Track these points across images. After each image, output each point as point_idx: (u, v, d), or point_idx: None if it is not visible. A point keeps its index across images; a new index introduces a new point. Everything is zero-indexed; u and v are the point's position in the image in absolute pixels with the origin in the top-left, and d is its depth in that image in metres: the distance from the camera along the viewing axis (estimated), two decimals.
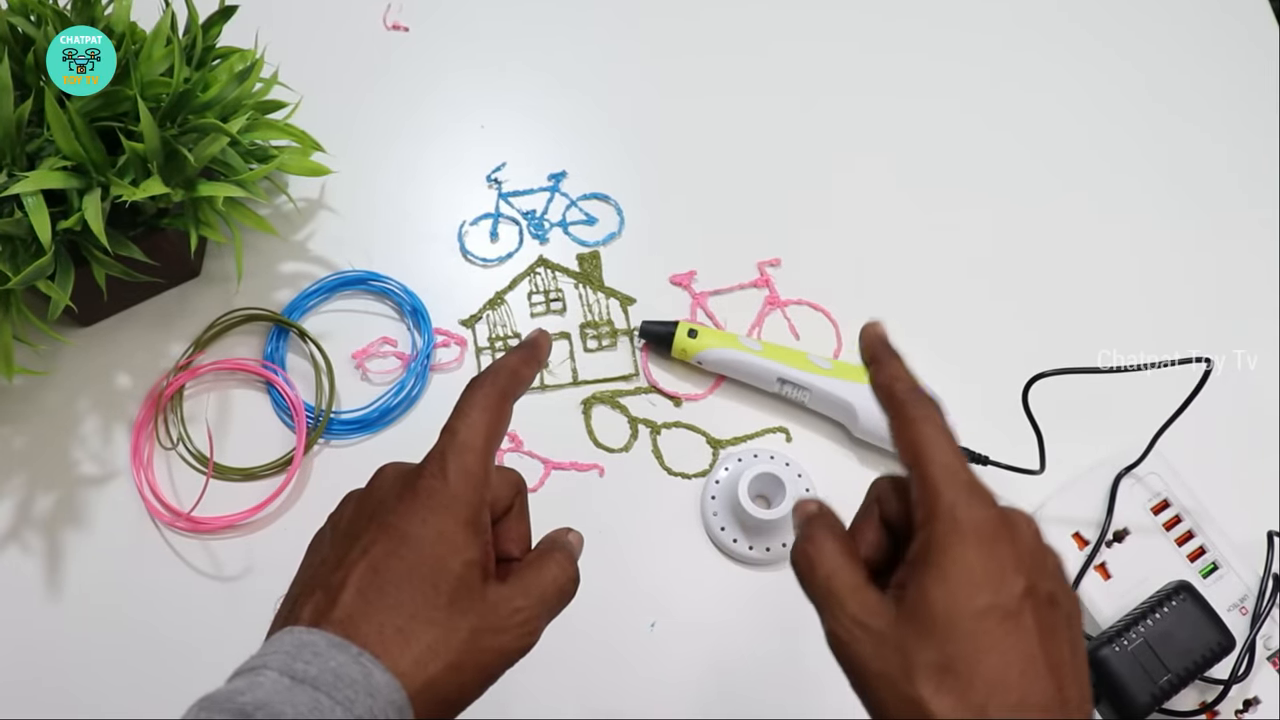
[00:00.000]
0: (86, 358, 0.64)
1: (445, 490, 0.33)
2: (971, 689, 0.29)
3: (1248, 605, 0.58)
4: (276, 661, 0.30)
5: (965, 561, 0.30)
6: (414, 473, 0.34)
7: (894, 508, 0.35)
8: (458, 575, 0.33)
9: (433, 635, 0.31)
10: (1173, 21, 0.83)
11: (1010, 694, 0.29)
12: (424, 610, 0.32)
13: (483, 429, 0.35)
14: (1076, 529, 0.59)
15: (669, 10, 0.80)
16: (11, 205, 0.52)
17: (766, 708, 0.57)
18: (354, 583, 0.32)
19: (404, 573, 0.32)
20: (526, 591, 0.34)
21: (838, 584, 0.32)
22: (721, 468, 0.63)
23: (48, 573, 0.59)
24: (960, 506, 0.31)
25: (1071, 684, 0.30)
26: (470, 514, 0.33)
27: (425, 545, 0.33)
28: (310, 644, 0.30)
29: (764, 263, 0.70)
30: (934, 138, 0.76)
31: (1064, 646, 0.31)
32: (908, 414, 0.34)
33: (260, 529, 0.60)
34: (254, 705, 0.28)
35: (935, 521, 0.31)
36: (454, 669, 0.32)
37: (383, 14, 0.78)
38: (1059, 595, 0.32)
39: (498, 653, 0.33)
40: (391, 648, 0.31)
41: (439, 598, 0.32)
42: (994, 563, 0.31)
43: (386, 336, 0.66)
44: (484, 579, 0.34)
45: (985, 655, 0.29)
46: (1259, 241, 0.74)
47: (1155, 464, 0.60)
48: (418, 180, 0.72)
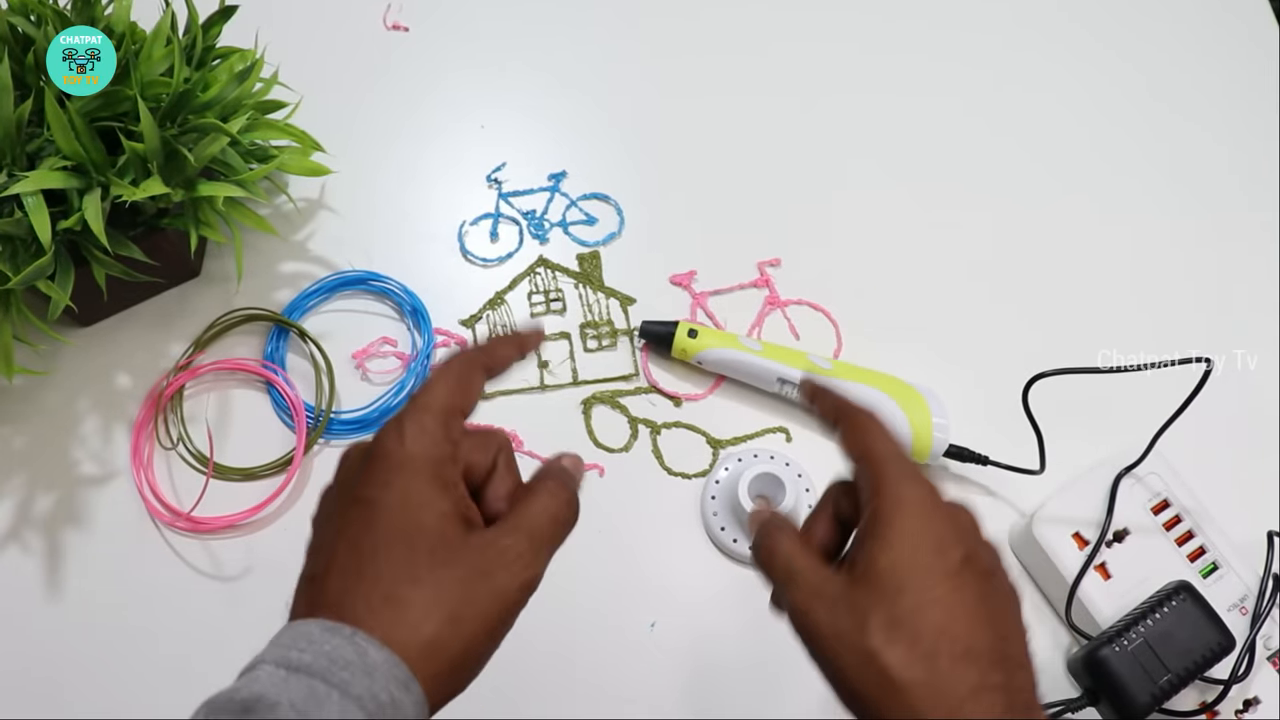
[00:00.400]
0: (86, 358, 0.64)
1: (401, 450, 0.33)
2: (920, 638, 0.31)
3: (1248, 605, 0.58)
4: (272, 654, 0.30)
5: (907, 529, 0.33)
6: (373, 442, 0.34)
7: (845, 505, 0.37)
8: (433, 529, 0.32)
9: (422, 594, 0.31)
10: (1172, 22, 0.83)
11: (957, 642, 0.31)
12: (407, 571, 0.31)
13: (443, 392, 0.35)
14: (1076, 529, 0.59)
15: (669, 10, 0.80)
16: (11, 205, 0.52)
17: (766, 707, 0.57)
18: (337, 564, 0.32)
19: (380, 540, 0.32)
20: (515, 528, 0.34)
21: (796, 563, 0.35)
22: (721, 468, 0.63)
23: (48, 573, 0.59)
24: (904, 483, 0.34)
25: (1015, 646, 0.33)
26: (432, 469, 0.33)
27: (394, 508, 0.32)
28: (304, 633, 0.30)
29: (764, 263, 0.70)
30: (934, 138, 0.76)
31: (1005, 614, 0.33)
32: (856, 419, 0.37)
33: (260, 529, 0.60)
34: (252, 699, 0.28)
35: (879, 498, 0.34)
36: (452, 622, 0.31)
37: (383, 14, 0.78)
38: (998, 575, 0.34)
39: (495, 595, 0.32)
40: (383, 618, 0.31)
41: (419, 555, 0.32)
42: (933, 532, 0.33)
43: (386, 336, 0.66)
44: (464, 528, 0.33)
45: (930, 608, 0.32)
46: (1259, 242, 0.74)
47: (1155, 464, 0.60)
48: (418, 180, 0.72)
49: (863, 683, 0.31)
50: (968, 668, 0.31)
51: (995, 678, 0.31)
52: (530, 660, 0.56)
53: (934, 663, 0.31)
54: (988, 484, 0.64)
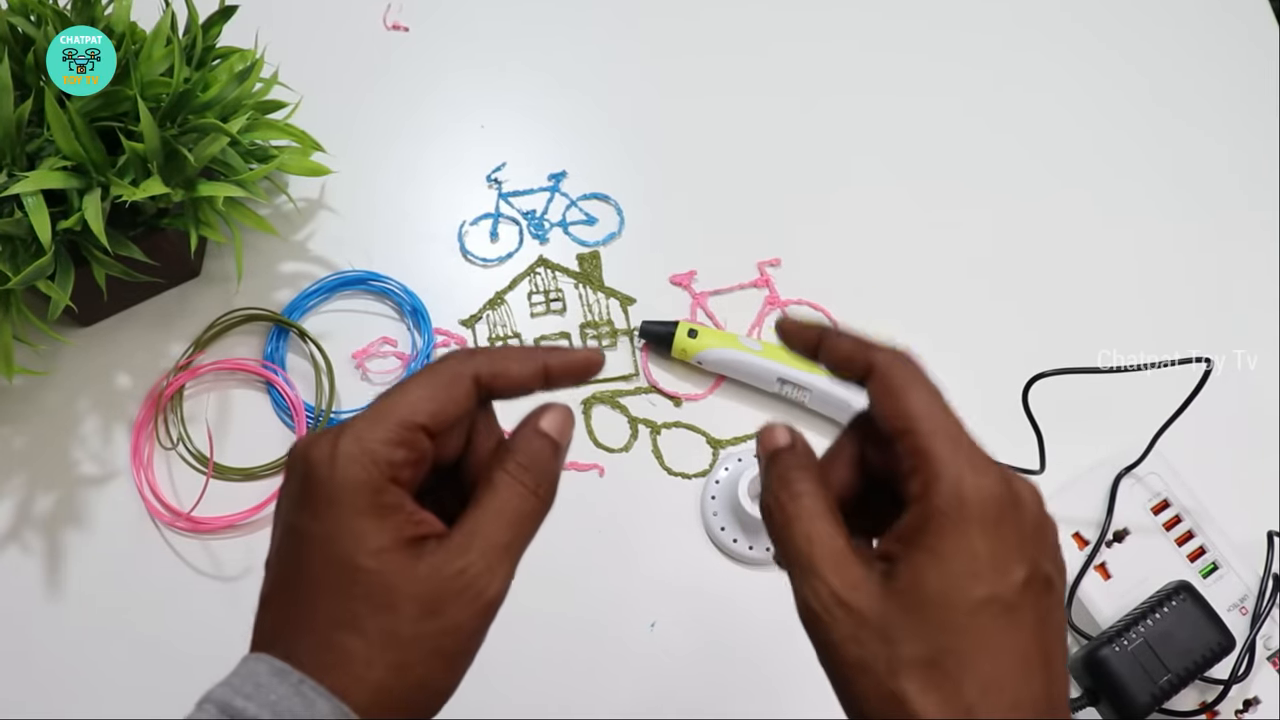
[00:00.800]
0: (86, 358, 0.64)
1: (332, 479, 0.29)
2: (961, 688, 0.26)
3: (1248, 605, 0.58)
4: (219, 694, 0.28)
5: (967, 546, 0.27)
6: (304, 456, 0.30)
7: (873, 452, 0.32)
8: (370, 570, 0.28)
9: (363, 643, 0.28)
10: (1172, 22, 0.83)
11: (1003, 695, 0.26)
12: (345, 617, 0.28)
13: (412, 400, 0.30)
14: (1076, 529, 0.59)
15: (669, 10, 0.80)
16: (11, 205, 0.52)
17: (767, 708, 0.57)
18: (276, 596, 0.30)
19: (313, 579, 0.29)
20: (467, 545, 0.29)
21: (818, 550, 0.29)
22: (721, 468, 0.63)
23: (48, 573, 0.59)
24: (966, 481, 0.28)
25: (1058, 679, 0.28)
26: (368, 499, 0.29)
27: (324, 544, 0.29)
28: (254, 674, 0.28)
29: (764, 263, 0.70)
30: (934, 138, 0.76)
31: (1056, 637, 0.29)
32: (895, 377, 0.31)
33: (260, 529, 0.60)
34: None
35: (935, 496, 0.28)
36: (400, 669, 0.28)
37: (383, 14, 0.78)
38: (1055, 576, 0.29)
39: (449, 633, 0.29)
40: (326, 664, 0.28)
41: (356, 600, 0.28)
42: (998, 548, 0.27)
43: (386, 336, 0.66)
44: (409, 557, 0.29)
45: (980, 653, 0.26)
46: (1259, 242, 0.74)
47: (1155, 464, 0.60)
48: (418, 180, 0.72)
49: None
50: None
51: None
52: (530, 660, 0.56)
53: (971, 717, 0.26)
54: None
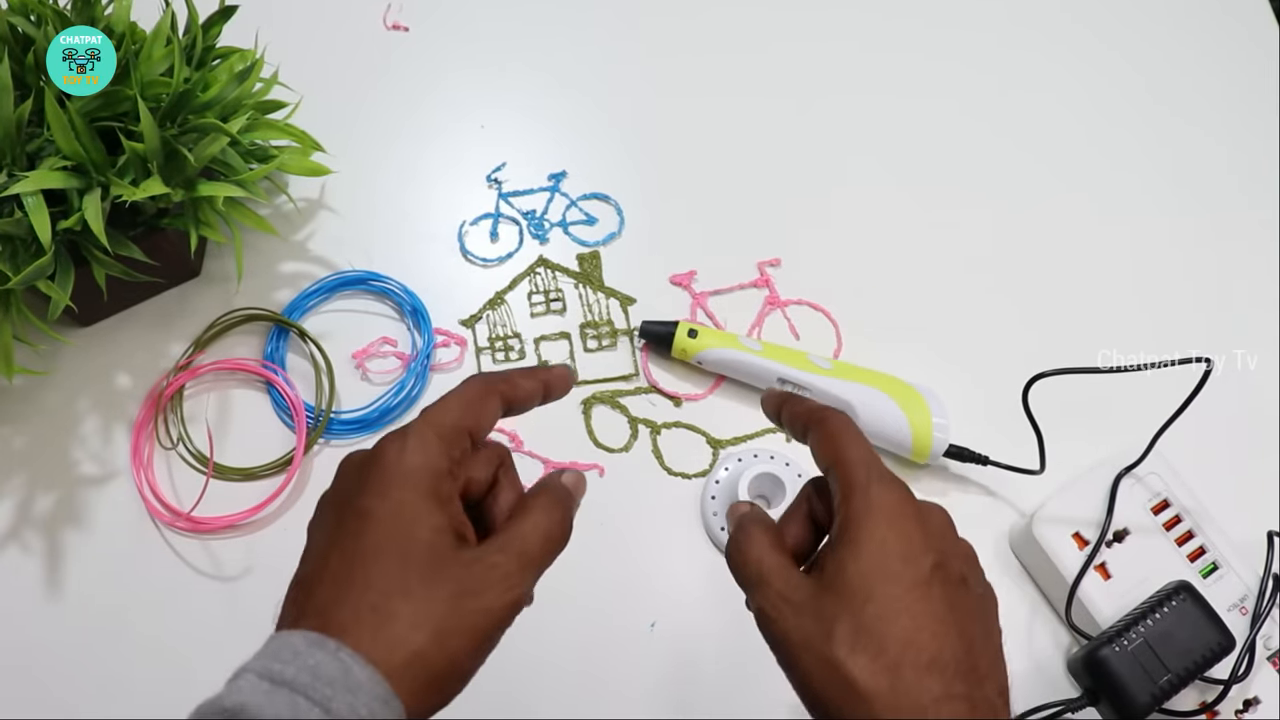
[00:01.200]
0: (86, 358, 0.64)
1: (401, 462, 0.33)
2: (885, 649, 0.31)
3: (1248, 605, 0.58)
4: (256, 665, 0.30)
5: (877, 535, 0.33)
6: (372, 452, 0.35)
7: (819, 506, 0.38)
8: (427, 543, 0.32)
9: (410, 608, 0.31)
10: (1172, 22, 0.83)
11: (922, 653, 0.31)
12: (398, 584, 0.31)
13: (454, 410, 0.35)
14: (1076, 529, 0.59)
15: (668, 10, 0.80)
16: (11, 205, 0.52)
17: (767, 707, 0.57)
18: (329, 571, 0.32)
19: (373, 550, 0.32)
20: (505, 546, 0.34)
21: (765, 567, 0.35)
22: (721, 468, 0.63)
23: (48, 573, 0.59)
24: (874, 488, 0.34)
25: (982, 657, 0.32)
26: (430, 483, 0.33)
27: (389, 519, 0.33)
28: (289, 645, 0.30)
29: (764, 263, 0.70)
30: (934, 137, 0.76)
31: (974, 623, 0.33)
32: (828, 426, 0.37)
33: (260, 529, 0.60)
34: (236, 708, 0.28)
35: (850, 503, 0.34)
36: (438, 638, 0.31)
37: (383, 14, 0.78)
38: (971, 580, 0.34)
39: (482, 613, 0.32)
40: (368, 629, 0.31)
41: (410, 568, 0.32)
42: (904, 538, 0.33)
43: (386, 336, 0.66)
44: (457, 543, 0.33)
45: (897, 618, 0.32)
46: (1259, 241, 0.74)
47: (1155, 464, 0.60)
48: (418, 180, 0.72)
49: (826, 690, 0.32)
50: (932, 678, 0.31)
51: (959, 688, 0.31)
52: (531, 660, 0.56)
53: (898, 673, 0.31)
54: (988, 484, 0.64)
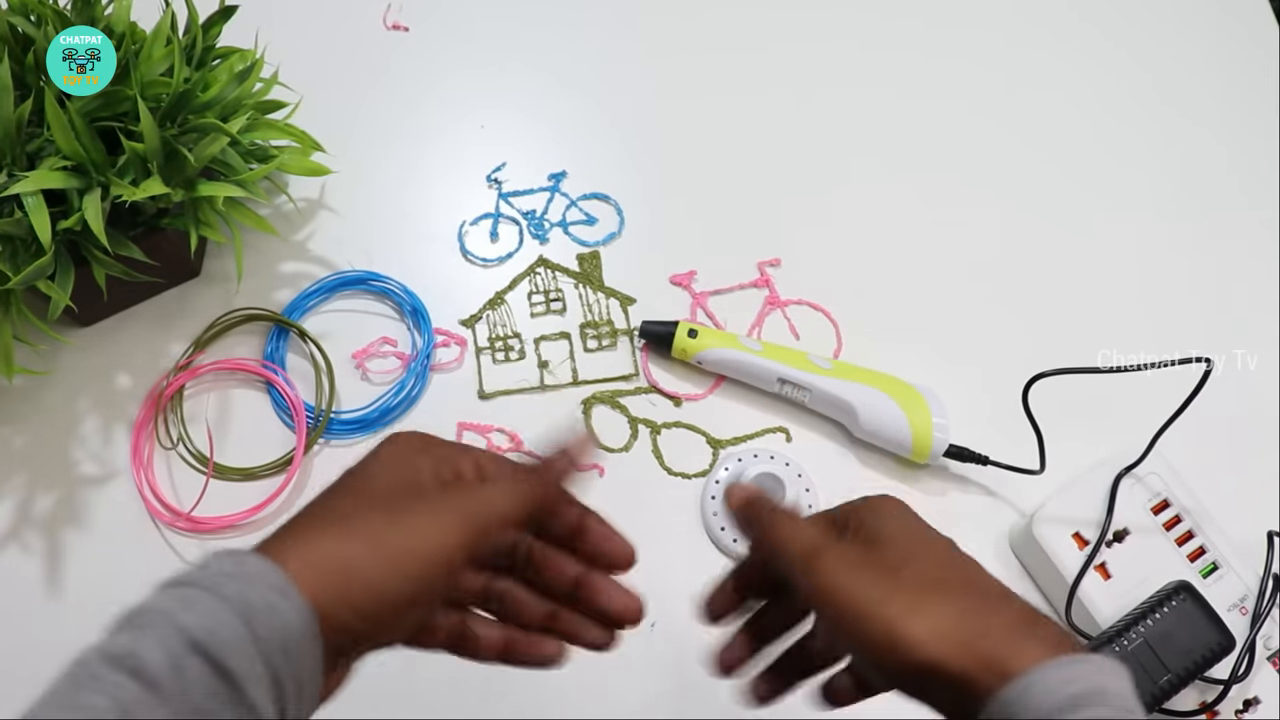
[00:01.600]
0: (86, 358, 0.64)
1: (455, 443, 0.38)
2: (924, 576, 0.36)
3: (1248, 605, 0.58)
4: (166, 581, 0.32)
5: (889, 513, 0.39)
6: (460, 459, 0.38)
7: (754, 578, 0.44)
8: (392, 487, 0.35)
9: (337, 528, 0.33)
10: (1171, 22, 0.83)
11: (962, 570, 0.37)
12: (341, 512, 0.34)
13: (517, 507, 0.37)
14: (1076, 529, 0.59)
15: (668, 10, 0.80)
16: (11, 205, 0.52)
17: (767, 708, 0.57)
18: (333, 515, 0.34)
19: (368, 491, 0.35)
20: (458, 503, 0.35)
21: (810, 540, 0.38)
22: (721, 468, 0.63)
23: (48, 572, 0.59)
24: (818, 543, 0.38)
25: (1001, 586, 0.37)
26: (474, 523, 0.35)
27: (380, 475, 0.36)
28: (198, 562, 0.32)
29: (764, 263, 0.70)
30: (934, 137, 0.76)
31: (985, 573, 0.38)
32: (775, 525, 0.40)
33: (260, 529, 0.60)
34: (132, 610, 0.31)
35: (857, 512, 0.40)
36: (353, 546, 0.32)
37: (383, 14, 0.78)
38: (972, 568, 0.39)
39: (404, 540, 0.33)
40: (287, 540, 0.32)
41: (361, 501, 0.34)
42: (911, 519, 0.39)
43: (386, 336, 0.66)
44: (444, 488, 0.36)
45: (922, 553, 0.37)
46: (1259, 242, 0.74)
47: (1155, 464, 0.60)
48: (418, 180, 0.72)
49: (909, 634, 0.33)
50: (1006, 604, 0.35)
51: (1035, 615, 0.35)
52: None
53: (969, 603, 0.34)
54: (988, 484, 0.64)
